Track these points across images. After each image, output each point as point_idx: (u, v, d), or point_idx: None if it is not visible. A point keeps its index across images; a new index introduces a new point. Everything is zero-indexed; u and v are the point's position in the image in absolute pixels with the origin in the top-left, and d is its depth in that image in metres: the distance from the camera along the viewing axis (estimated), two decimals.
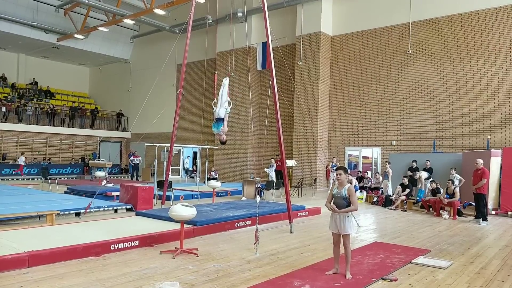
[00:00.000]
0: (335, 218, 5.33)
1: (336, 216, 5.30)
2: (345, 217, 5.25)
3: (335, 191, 5.39)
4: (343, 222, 5.24)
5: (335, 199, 5.34)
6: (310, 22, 19.57)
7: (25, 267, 5.35)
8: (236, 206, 10.55)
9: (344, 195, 5.27)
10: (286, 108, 18.69)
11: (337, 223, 5.28)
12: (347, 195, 5.26)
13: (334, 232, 5.38)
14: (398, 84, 17.69)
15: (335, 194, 5.38)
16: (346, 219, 5.25)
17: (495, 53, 15.43)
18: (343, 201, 5.27)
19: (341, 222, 5.25)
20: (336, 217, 5.30)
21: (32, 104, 25.91)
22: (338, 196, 5.31)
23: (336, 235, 5.37)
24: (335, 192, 5.38)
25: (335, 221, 5.31)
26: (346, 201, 5.26)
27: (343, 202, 5.27)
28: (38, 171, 22.46)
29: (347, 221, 5.25)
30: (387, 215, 11.43)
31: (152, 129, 23.53)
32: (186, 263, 5.81)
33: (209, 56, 23.47)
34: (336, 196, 5.34)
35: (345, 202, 5.26)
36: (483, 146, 15.02)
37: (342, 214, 5.25)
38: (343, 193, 5.28)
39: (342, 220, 5.24)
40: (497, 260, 6.46)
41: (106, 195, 12.30)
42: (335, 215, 5.31)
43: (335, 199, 5.34)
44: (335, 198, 5.35)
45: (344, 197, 5.26)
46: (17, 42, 25.68)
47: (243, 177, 19.52)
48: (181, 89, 11.09)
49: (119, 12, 21.20)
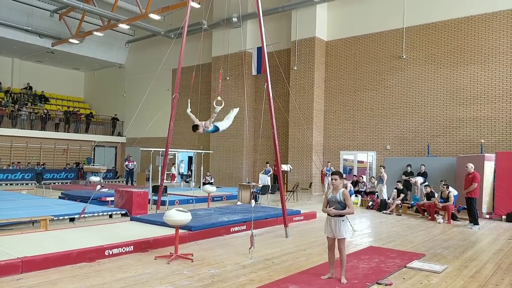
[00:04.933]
0: (330, 222, 5.33)
1: (332, 220, 5.30)
2: (340, 221, 5.25)
3: (329, 196, 5.40)
4: (338, 226, 5.24)
5: (330, 204, 5.34)
6: (305, 27, 19.67)
7: (18, 273, 5.30)
8: (232, 211, 10.53)
9: (339, 199, 5.28)
10: (281, 112, 18.72)
11: (332, 227, 5.29)
12: (342, 199, 5.27)
13: (329, 236, 5.38)
14: (392, 89, 17.79)
15: (330, 198, 5.38)
16: (341, 223, 5.25)
17: (489, 58, 15.57)
18: (339, 205, 5.27)
19: (336, 226, 5.25)
20: (332, 221, 5.30)
21: (26, 108, 25.78)
22: (333, 201, 5.32)
23: (331, 239, 5.37)
24: (330, 196, 5.39)
25: (330, 225, 5.32)
26: (341, 205, 5.26)
27: (338, 206, 5.27)
28: (32, 176, 22.33)
29: (342, 225, 5.25)
30: (382, 219, 11.45)
31: (147, 134, 23.52)
32: (181, 268, 5.79)
33: (204, 61, 23.49)
34: (331, 201, 5.34)
35: (340, 206, 5.26)
36: (477, 150, 15.12)
37: (337, 219, 5.26)
38: (338, 197, 5.29)
39: (337, 224, 5.25)
40: (491, 264, 6.49)
41: (100, 200, 12.25)
42: (331, 219, 5.31)
43: (330, 203, 5.34)
44: (330, 203, 5.34)
45: (339, 201, 5.27)
46: (12, 46, 25.58)
47: (238, 181, 19.51)
48: (176, 94, 11.09)
49: (114, 17, 21.19)
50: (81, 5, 20.21)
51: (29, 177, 22.52)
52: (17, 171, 22.71)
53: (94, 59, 28.57)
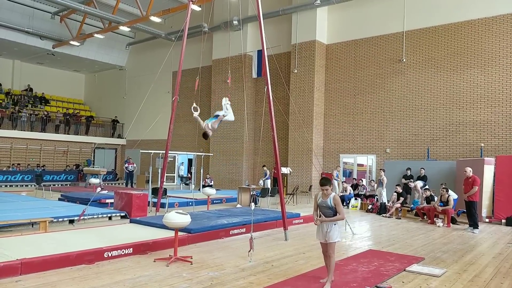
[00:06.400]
0: (322, 227, 5.24)
1: (323, 225, 5.21)
2: (332, 226, 5.17)
3: (319, 201, 5.28)
4: (330, 231, 5.17)
5: (321, 209, 5.24)
6: (305, 30, 19.71)
7: (17, 275, 5.30)
8: (231, 213, 10.54)
9: (329, 204, 5.17)
10: (281, 115, 18.74)
11: (324, 232, 5.22)
12: (333, 204, 5.16)
13: (322, 241, 5.31)
14: (392, 92, 17.81)
15: (320, 203, 5.27)
16: (333, 227, 5.17)
17: (489, 62, 15.59)
18: (329, 210, 5.17)
19: (327, 231, 5.18)
20: (323, 226, 5.22)
21: (26, 110, 25.81)
22: (323, 206, 5.22)
23: (324, 244, 5.30)
24: (319, 201, 5.27)
25: (322, 230, 5.24)
26: (332, 211, 5.17)
27: (329, 211, 5.18)
28: (32, 177, 22.32)
29: (333, 229, 5.17)
30: (381, 223, 11.44)
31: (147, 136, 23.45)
32: (180, 271, 5.78)
33: (205, 63, 23.53)
34: (322, 206, 5.24)
35: (331, 211, 5.17)
36: (477, 154, 15.12)
37: (329, 223, 5.17)
38: (329, 203, 5.18)
39: (329, 229, 5.17)
40: (490, 268, 6.49)
41: (100, 202, 12.24)
42: (322, 224, 5.23)
43: (321, 208, 5.25)
44: (321, 208, 5.25)
45: (330, 207, 5.17)
46: (12, 48, 25.62)
47: (238, 184, 19.50)
48: (176, 96, 11.12)
49: (115, 19, 21.25)
50: (82, 7, 20.28)
51: (29, 178, 22.50)
52: (17, 172, 22.69)
53: (95, 61, 28.62)
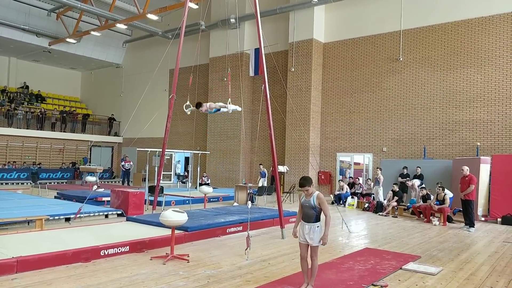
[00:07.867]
0: (304, 227, 4.87)
1: (305, 226, 4.84)
2: (315, 228, 4.80)
3: (302, 200, 4.90)
4: (313, 232, 4.79)
5: (304, 209, 4.87)
6: (302, 29, 19.70)
7: (13, 273, 5.28)
8: (228, 211, 10.53)
9: (313, 204, 4.79)
10: (278, 114, 18.75)
11: (305, 232, 4.83)
12: (316, 203, 4.78)
13: (302, 242, 4.90)
14: (389, 91, 17.84)
15: (303, 203, 4.88)
16: (316, 229, 4.79)
17: (485, 61, 15.64)
18: (312, 210, 4.79)
19: (310, 232, 4.80)
20: (305, 226, 4.85)
21: (22, 108, 25.68)
22: (306, 206, 4.84)
23: (304, 246, 4.90)
24: (302, 201, 4.89)
25: (304, 231, 4.86)
26: (315, 211, 4.79)
27: (312, 212, 4.80)
28: (28, 175, 22.23)
29: (317, 231, 4.79)
30: (378, 221, 11.47)
31: (144, 134, 23.42)
32: (176, 269, 5.78)
33: (202, 61, 23.48)
34: (305, 206, 4.85)
35: (314, 211, 4.79)
36: (473, 153, 15.18)
37: (312, 224, 4.80)
38: (312, 202, 4.79)
39: (312, 230, 4.80)
40: (486, 266, 6.52)
41: (96, 200, 12.21)
42: (304, 224, 4.86)
43: (304, 208, 4.87)
44: (304, 208, 4.87)
45: (313, 206, 4.79)
46: (8, 45, 25.48)
47: (235, 182, 19.50)
48: (173, 94, 11.09)
49: (112, 16, 21.15)
50: (79, 5, 20.17)
51: (25, 176, 22.42)
52: (13, 170, 22.61)
53: (91, 58, 28.50)
